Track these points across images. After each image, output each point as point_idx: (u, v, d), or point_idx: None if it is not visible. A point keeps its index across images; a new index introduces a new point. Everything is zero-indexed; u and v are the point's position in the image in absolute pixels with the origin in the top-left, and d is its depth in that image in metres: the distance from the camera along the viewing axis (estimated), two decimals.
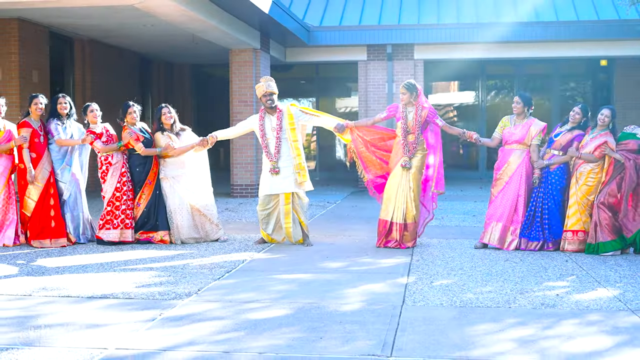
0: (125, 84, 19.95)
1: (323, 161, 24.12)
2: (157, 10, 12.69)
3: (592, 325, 6.09)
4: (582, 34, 19.05)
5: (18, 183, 10.31)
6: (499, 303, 6.82)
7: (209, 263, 8.85)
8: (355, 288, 7.47)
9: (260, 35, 17.61)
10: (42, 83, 16.07)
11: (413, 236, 10.08)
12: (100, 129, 10.38)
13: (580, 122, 9.91)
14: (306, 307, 6.64)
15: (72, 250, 9.89)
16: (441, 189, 10.30)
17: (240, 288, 7.48)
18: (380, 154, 10.35)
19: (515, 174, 10.01)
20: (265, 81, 10.18)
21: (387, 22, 20.03)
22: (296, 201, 10.18)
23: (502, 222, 9.98)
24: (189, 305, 6.73)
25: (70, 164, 10.43)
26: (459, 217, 13.48)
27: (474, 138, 10.17)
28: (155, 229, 10.33)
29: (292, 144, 10.12)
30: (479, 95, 23.44)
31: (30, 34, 15.65)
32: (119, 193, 10.23)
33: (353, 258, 9.25)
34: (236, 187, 17.69)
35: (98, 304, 6.81)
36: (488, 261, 9.00)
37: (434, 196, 10.33)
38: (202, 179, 10.62)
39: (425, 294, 7.19)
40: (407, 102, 9.98)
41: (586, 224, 9.66)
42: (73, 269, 8.51)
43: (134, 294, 7.19)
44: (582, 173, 9.69)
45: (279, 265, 8.79)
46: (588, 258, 9.22)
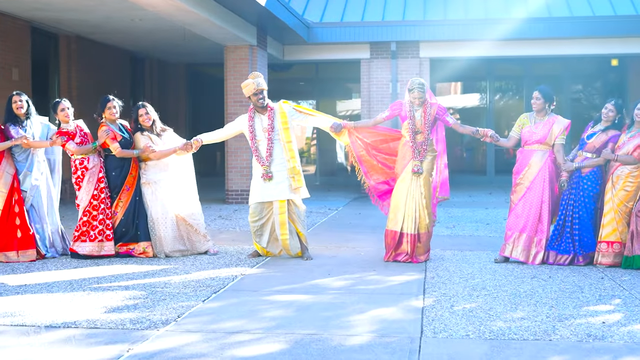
0: (115, 84, 18.81)
1: (323, 165, 23.02)
2: (142, 1, 11.58)
3: None
4: (598, 30, 17.95)
5: None
6: (537, 334, 5.68)
7: (194, 280, 7.73)
8: (362, 314, 6.34)
9: (257, 31, 16.50)
10: (22, 81, 15.01)
11: (426, 248, 8.98)
12: (73, 128, 9.24)
13: (615, 120, 8.77)
14: (305, 340, 5.51)
15: (42, 265, 8.75)
16: (446, 194, 9.21)
17: (228, 314, 6.35)
18: (382, 158, 9.22)
19: (538, 178, 8.87)
20: (254, 77, 9.00)
21: (391, 18, 18.92)
22: (292, 209, 9.05)
23: (525, 232, 8.84)
24: (164, 338, 5.60)
25: (31, 170, 9.24)
26: (472, 226, 12.37)
27: (490, 136, 8.99)
28: (135, 240, 9.20)
29: (285, 146, 8.99)
30: (487, 96, 22.35)
31: (9, 29, 14.59)
32: (96, 201, 9.10)
33: (359, 274, 8.13)
34: (231, 193, 16.58)
35: (56, 336, 5.67)
36: (513, 278, 7.88)
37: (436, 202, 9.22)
38: (188, 184, 9.50)
39: (446, 321, 6.06)
40: (417, 103, 8.88)
41: (623, 235, 8.54)
42: (37, 289, 7.38)
43: (100, 322, 6.05)
44: (619, 176, 8.56)
45: (274, 283, 7.67)
46: (626, 274, 8.11)
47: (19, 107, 9.22)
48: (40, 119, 9.65)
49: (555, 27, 18.00)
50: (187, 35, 16.12)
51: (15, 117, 9.24)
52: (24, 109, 9.25)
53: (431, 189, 9.00)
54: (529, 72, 22.10)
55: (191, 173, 9.57)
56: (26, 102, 9.30)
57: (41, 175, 9.33)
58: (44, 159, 9.46)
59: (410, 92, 8.86)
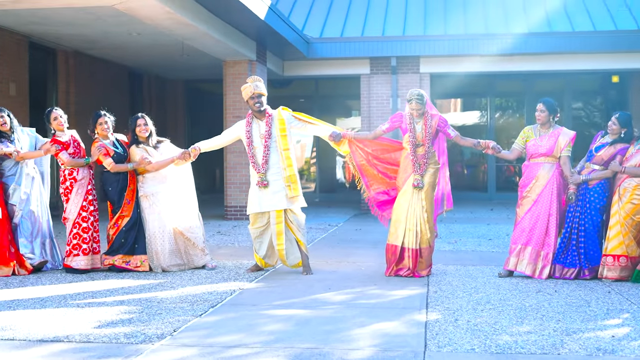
0: (114, 99, 18.65)
1: (323, 182, 22.86)
2: (140, 13, 11.44)
3: None
4: (599, 45, 17.84)
5: None
6: (544, 348, 5.49)
7: (191, 295, 7.55)
8: (364, 327, 6.15)
9: (257, 46, 16.38)
10: (20, 96, 14.86)
11: (428, 263, 8.78)
12: (67, 137, 9.08)
13: (621, 134, 8.61)
14: (305, 354, 5.32)
15: (36, 280, 8.55)
16: (451, 205, 9.07)
17: (225, 328, 6.16)
18: (383, 168, 9.05)
19: (545, 191, 8.69)
20: (253, 81, 8.85)
21: (392, 33, 18.81)
22: (291, 218, 8.86)
23: (531, 245, 8.66)
24: (159, 352, 5.41)
25: (20, 183, 9.05)
26: (474, 241, 12.19)
27: (491, 147, 8.82)
28: (131, 253, 9.01)
29: (282, 153, 8.80)
30: (487, 113, 22.20)
31: (7, 43, 14.46)
32: (86, 213, 8.93)
33: (359, 289, 7.95)
34: (230, 209, 16.40)
35: (46, 351, 5.48)
36: (518, 292, 7.69)
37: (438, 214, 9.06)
38: (187, 197, 9.32)
39: (451, 335, 5.87)
40: (417, 115, 8.72)
41: (630, 248, 8.35)
42: (29, 303, 7.19)
43: (93, 336, 5.85)
44: (626, 189, 8.38)
45: (273, 297, 7.48)
46: (633, 288, 7.92)
47: (2, 122, 9.05)
48: (26, 130, 9.49)
49: (556, 42, 17.89)
50: (186, 49, 15.98)
51: (1, 133, 9.06)
52: (7, 125, 9.08)
53: (433, 203, 8.83)
54: (530, 89, 21.97)
55: (191, 185, 9.40)
56: (8, 117, 9.12)
57: (32, 187, 9.14)
58: (34, 167, 9.28)
59: (409, 103, 8.71)
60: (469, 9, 19.81)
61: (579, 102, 22.71)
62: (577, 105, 22.59)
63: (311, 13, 20.05)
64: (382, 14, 19.82)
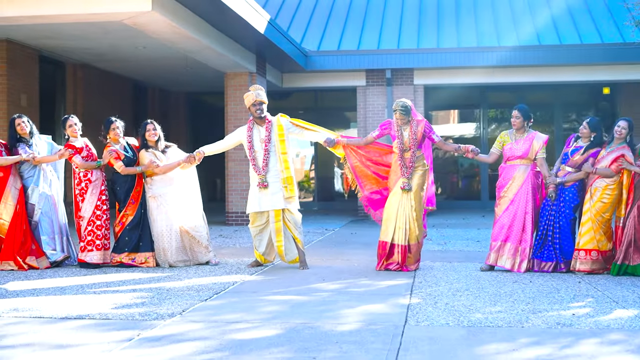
0: (119, 110, 19.29)
1: (321, 192, 23.56)
2: (148, 28, 12.19)
3: (614, 344, 5.50)
4: (586, 57, 18.58)
5: None
6: (511, 323, 6.22)
7: (197, 285, 8.27)
8: (352, 309, 6.88)
9: (257, 59, 17.14)
10: (31, 107, 15.57)
11: (416, 258, 9.49)
12: (81, 144, 9.84)
13: (591, 137, 9.35)
14: (298, 328, 6.05)
15: (53, 273, 9.28)
16: (433, 205, 9.78)
17: (228, 309, 6.89)
18: (375, 169, 9.77)
19: (521, 191, 9.43)
20: (255, 89, 9.62)
21: (387, 46, 19.55)
22: (288, 217, 9.59)
23: (510, 242, 9.39)
24: (170, 326, 6.14)
25: (38, 184, 9.83)
26: (463, 243, 12.90)
27: (470, 150, 9.58)
28: (136, 250, 9.73)
29: (280, 157, 9.55)
30: (480, 124, 22.94)
31: (19, 56, 15.19)
32: (99, 212, 9.69)
33: (351, 280, 8.67)
34: (231, 215, 17.12)
35: (71, 325, 6.22)
36: (495, 282, 8.41)
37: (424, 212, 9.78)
38: (192, 198, 10.05)
39: (429, 314, 6.60)
40: (403, 123, 9.46)
41: (600, 243, 9.08)
42: (50, 291, 7.92)
43: (111, 315, 6.60)
44: (597, 188, 9.12)
45: (271, 286, 8.21)
46: (602, 279, 8.63)
47: (22, 128, 9.83)
48: (43, 137, 10.28)
49: (545, 55, 18.63)
50: (189, 62, 16.72)
51: (21, 138, 9.84)
52: (27, 129, 9.87)
53: (422, 203, 9.53)
54: (521, 100, 22.64)
55: (196, 187, 10.12)
56: (28, 123, 9.91)
57: (49, 188, 9.90)
58: (51, 170, 10.04)
59: (394, 112, 9.46)
60: (461, 23, 20.56)
61: (570, 112, 23.44)
62: (568, 115, 23.32)
63: (309, 27, 20.82)
64: (378, 27, 20.57)
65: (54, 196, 9.99)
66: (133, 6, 11.12)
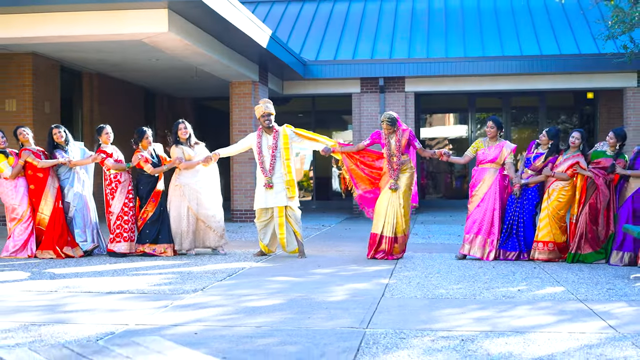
0: (131, 116, 21.00)
1: (320, 192, 25.12)
2: (163, 45, 13.75)
3: (542, 309, 7.07)
4: (564, 67, 20.10)
5: (29, 201, 11.27)
6: (466, 296, 7.80)
7: (212, 269, 9.83)
8: (341, 286, 8.44)
9: (259, 69, 18.69)
10: (53, 113, 17.11)
11: (402, 248, 11.01)
12: (111, 150, 11.40)
13: (549, 145, 10.91)
14: (297, 299, 7.62)
15: (87, 261, 10.86)
16: (415, 202, 11.30)
17: (240, 286, 8.45)
18: (368, 171, 11.29)
19: (490, 191, 10.99)
20: (264, 103, 11.20)
21: (380, 56, 21.10)
22: (289, 213, 11.14)
23: (480, 234, 10.94)
24: (195, 298, 7.70)
25: (73, 184, 11.43)
26: (445, 237, 14.44)
27: (443, 153, 11.18)
28: (155, 242, 11.28)
29: (284, 162, 11.11)
30: (470, 128, 24.49)
31: (42, 68, 16.72)
32: (127, 208, 11.25)
33: (342, 266, 10.22)
34: (236, 212, 18.66)
35: (116, 297, 7.78)
36: (463, 268, 9.97)
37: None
38: (212, 190, 11.58)
39: (402, 290, 8.16)
40: (389, 132, 10.98)
41: (556, 236, 10.63)
42: (90, 274, 9.49)
43: (146, 290, 8.17)
44: (554, 190, 10.67)
45: (274, 271, 9.76)
46: (555, 265, 10.19)
47: (59, 137, 11.44)
48: (77, 143, 11.89)
49: (527, 64, 20.17)
50: (198, 72, 18.25)
51: (57, 145, 11.43)
52: (63, 138, 11.47)
53: (409, 200, 11.07)
54: (508, 105, 24.27)
55: (216, 182, 11.67)
56: (64, 132, 11.50)
57: (82, 188, 11.48)
58: (84, 172, 11.62)
59: (381, 123, 11.03)
60: (449, 35, 22.12)
61: (554, 117, 25.01)
62: (552, 119, 24.87)
63: (308, 38, 22.39)
64: (372, 39, 22.13)
65: (86, 195, 11.55)
66: (152, 28, 12.67)
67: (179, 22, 12.95)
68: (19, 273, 9.57)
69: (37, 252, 11.15)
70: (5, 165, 11.15)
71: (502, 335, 5.96)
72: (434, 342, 5.71)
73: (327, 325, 6.32)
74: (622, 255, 10.34)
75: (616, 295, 7.87)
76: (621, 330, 6.12)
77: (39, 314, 6.89)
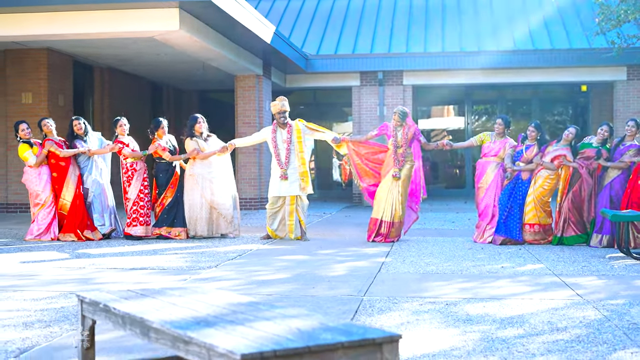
0: (139, 109, 21.86)
1: (321, 181, 26.00)
2: (174, 42, 14.60)
3: (520, 282, 7.94)
4: (556, 61, 20.95)
5: (52, 188, 12.13)
6: (453, 271, 8.67)
7: (222, 250, 10.69)
8: (341, 264, 9.32)
9: (263, 63, 19.54)
10: (66, 106, 17.96)
11: (398, 232, 11.87)
12: (127, 140, 12.26)
13: (537, 137, 11.76)
14: (302, 273, 8.49)
15: (107, 243, 11.75)
16: (424, 194, 12.13)
17: (250, 264, 9.32)
18: (372, 166, 12.15)
19: (492, 183, 11.88)
20: (280, 100, 12.07)
21: (379, 50, 21.93)
22: (299, 202, 12.00)
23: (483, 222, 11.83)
24: (210, 273, 8.57)
25: (91, 172, 12.30)
26: (440, 223, 15.30)
27: (445, 143, 12.11)
28: (172, 225, 12.14)
29: (298, 155, 11.99)
30: (466, 120, 25.32)
31: (57, 62, 17.56)
32: (142, 194, 12.12)
33: (342, 248, 11.08)
34: (241, 201, 19.48)
35: (139, 273, 8.65)
36: (455, 249, 10.84)
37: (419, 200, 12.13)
38: (225, 180, 12.41)
39: (396, 266, 9.04)
40: (398, 125, 11.82)
41: (541, 218, 11.49)
42: (112, 254, 10.36)
43: (166, 267, 9.05)
44: (540, 177, 11.53)
45: (280, 252, 10.63)
46: (540, 248, 11.05)
47: (79, 128, 12.28)
48: (95, 134, 12.76)
49: (521, 58, 21.01)
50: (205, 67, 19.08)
51: (77, 135, 12.28)
52: (82, 129, 12.31)
53: (407, 190, 11.89)
54: (503, 98, 25.13)
55: (229, 172, 12.52)
56: (83, 124, 12.35)
57: (100, 175, 12.35)
58: (102, 161, 12.49)
59: (394, 114, 11.88)
60: (446, 30, 22.96)
61: (549, 109, 25.86)
62: (547, 112, 25.72)
63: (309, 32, 23.23)
64: (371, 34, 22.97)
65: (104, 182, 12.42)
66: (163, 26, 13.52)
67: (189, 20, 13.79)
68: (46, 253, 10.44)
69: (59, 235, 12.03)
70: (30, 154, 12.02)
71: (482, 301, 6.83)
72: (421, 306, 6.59)
73: (329, 294, 7.19)
74: (601, 238, 11.22)
75: (589, 271, 8.74)
76: (586, 298, 6.98)
77: (74, 285, 7.76)
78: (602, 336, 5.47)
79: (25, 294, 7.31)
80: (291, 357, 2.77)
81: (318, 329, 3.10)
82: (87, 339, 3.96)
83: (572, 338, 5.41)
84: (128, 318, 3.53)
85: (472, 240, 11.85)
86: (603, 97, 23.42)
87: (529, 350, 5.10)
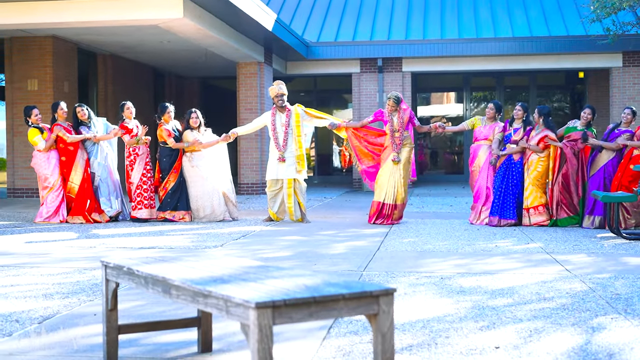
0: (141, 95, 22.18)
1: (321, 167, 26.40)
2: (178, 29, 14.92)
3: (512, 259, 8.32)
4: (554, 48, 21.26)
5: (60, 172, 12.49)
6: (449, 249, 9.05)
7: (226, 232, 11.06)
8: (342, 243, 9.70)
9: (264, 50, 19.87)
10: (71, 92, 18.29)
11: (400, 215, 12.22)
12: (132, 125, 12.61)
13: (524, 118, 12.13)
14: (304, 252, 8.87)
15: (114, 225, 12.12)
16: (413, 176, 12.49)
17: (254, 244, 9.70)
18: (372, 148, 12.48)
19: (484, 165, 12.22)
20: (278, 84, 12.40)
21: (378, 38, 22.25)
22: (297, 185, 12.35)
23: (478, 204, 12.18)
24: (217, 252, 8.94)
25: (97, 157, 12.67)
26: (437, 206, 15.67)
27: (438, 126, 12.47)
28: (175, 209, 12.50)
29: (296, 139, 12.32)
30: (465, 106, 25.68)
31: (62, 50, 17.89)
32: (145, 178, 12.50)
33: (343, 229, 11.46)
34: (243, 185, 19.88)
35: (148, 252, 9.02)
36: (452, 230, 11.21)
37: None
38: (223, 167, 12.78)
39: (395, 245, 9.41)
40: (393, 110, 12.15)
41: (542, 199, 11.83)
42: (120, 235, 10.74)
43: (173, 246, 9.43)
44: (532, 161, 11.87)
45: (283, 233, 11.00)
46: (533, 229, 11.41)
47: (82, 115, 12.64)
48: (100, 119, 13.12)
49: (518, 45, 21.33)
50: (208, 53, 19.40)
51: (81, 122, 12.63)
52: (86, 115, 12.67)
53: (408, 172, 12.24)
54: (501, 84, 25.47)
55: (225, 160, 12.83)
56: (87, 110, 12.70)
57: (106, 160, 12.71)
58: (108, 145, 12.85)
59: (387, 99, 12.22)
60: (445, 17, 23.27)
61: (544, 96, 26.21)
62: (544, 98, 26.08)
63: (310, 20, 23.55)
64: (370, 21, 23.28)
65: (110, 165, 12.78)
66: (167, 14, 13.83)
67: (192, 8, 14.12)
68: (57, 234, 10.83)
69: (68, 218, 12.40)
70: (40, 139, 12.38)
71: (475, 275, 7.21)
72: (417, 280, 6.96)
73: (331, 269, 7.56)
74: (593, 219, 11.59)
75: (579, 249, 9.12)
76: (574, 272, 7.36)
77: (86, 262, 8.14)
78: (586, 304, 5.85)
79: (42, 269, 7.68)
80: (299, 305, 3.16)
81: (322, 285, 3.48)
82: (111, 301, 4.32)
83: (557, 306, 5.79)
84: (150, 278, 3.92)
85: (468, 222, 12.21)
86: (600, 84, 23.76)
87: (517, 316, 5.48)
